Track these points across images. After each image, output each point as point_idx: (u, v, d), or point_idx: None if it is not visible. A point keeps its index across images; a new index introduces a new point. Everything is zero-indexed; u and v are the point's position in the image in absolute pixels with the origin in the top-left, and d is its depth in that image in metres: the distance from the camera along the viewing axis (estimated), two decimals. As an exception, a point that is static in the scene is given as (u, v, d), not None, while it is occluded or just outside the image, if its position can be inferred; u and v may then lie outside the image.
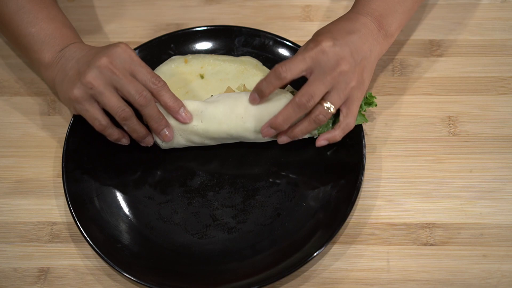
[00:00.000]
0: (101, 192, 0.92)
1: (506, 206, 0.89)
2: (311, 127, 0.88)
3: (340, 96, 0.86)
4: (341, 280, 0.86)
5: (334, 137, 0.89)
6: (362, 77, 0.87)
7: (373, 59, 0.89)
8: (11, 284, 0.88)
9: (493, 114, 0.96)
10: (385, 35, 0.90)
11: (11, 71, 1.06)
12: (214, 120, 0.90)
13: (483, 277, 0.85)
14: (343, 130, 0.88)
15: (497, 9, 1.06)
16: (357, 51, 0.86)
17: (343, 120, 0.88)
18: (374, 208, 0.90)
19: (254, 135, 0.91)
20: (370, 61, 0.88)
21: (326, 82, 0.85)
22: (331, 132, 0.89)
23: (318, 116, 0.87)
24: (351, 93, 0.86)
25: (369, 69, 0.88)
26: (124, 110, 0.87)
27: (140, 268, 0.86)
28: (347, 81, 0.85)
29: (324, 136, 0.89)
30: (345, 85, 0.85)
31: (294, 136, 0.90)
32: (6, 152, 0.99)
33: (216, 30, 1.03)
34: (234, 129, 0.90)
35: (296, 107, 0.86)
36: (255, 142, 0.93)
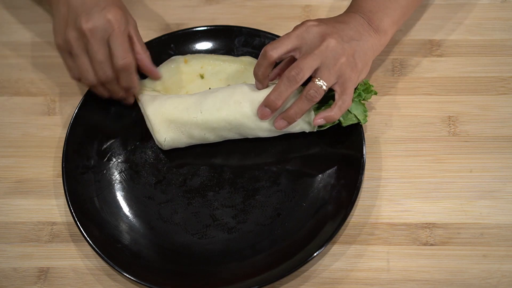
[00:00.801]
0: (101, 192, 0.93)
1: (506, 206, 0.89)
2: (304, 105, 0.87)
3: (330, 71, 0.86)
4: (341, 280, 0.86)
5: (331, 116, 0.88)
6: (353, 58, 0.87)
7: (366, 47, 0.89)
8: (11, 284, 0.88)
9: (493, 114, 0.96)
10: (377, 30, 0.90)
11: (11, 71, 1.06)
12: (213, 107, 0.90)
13: (483, 277, 0.85)
14: (339, 109, 0.88)
15: (497, 9, 1.06)
16: (345, 33, 0.87)
17: (338, 98, 0.88)
18: (374, 208, 0.90)
19: (253, 122, 0.90)
20: (361, 46, 0.88)
21: (314, 56, 0.85)
22: (328, 111, 0.88)
23: (309, 92, 0.86)
24: (341, 70, 0.86)
25: (362, 54, 0.88)
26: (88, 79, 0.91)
27: (140, 268, 0.86)
28: (335, 56, 0.86)
29: (321, 115, 0.88)
30: (334, 61, 0.86)
31: (289, 117, 0.89)
32: (6, 152, 0.99)
33: (216, 30, 1.03)
34: (232, 115, 0.90)
35: (286, 81, 0.86)
36: (256, 136, 0.93)
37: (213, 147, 0.95)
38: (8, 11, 1.13)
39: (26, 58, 1.07)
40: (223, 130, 0.92)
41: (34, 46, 1.09)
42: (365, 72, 0.90)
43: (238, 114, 0.90)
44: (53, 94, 1.03)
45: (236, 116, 0.90)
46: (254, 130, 0.92)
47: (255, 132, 0.92)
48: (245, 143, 0.95)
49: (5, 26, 1.11)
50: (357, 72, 0.88)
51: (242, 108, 0.90)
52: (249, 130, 0.92)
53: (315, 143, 0.94)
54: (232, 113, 0.90)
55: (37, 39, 1.09)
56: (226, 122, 0.91)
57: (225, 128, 0.92)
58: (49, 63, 1.06)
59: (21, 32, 1.10)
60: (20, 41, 1.09)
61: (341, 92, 0.87)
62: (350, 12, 0.92)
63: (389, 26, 0.91)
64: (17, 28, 1.11)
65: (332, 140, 0.93)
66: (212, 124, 0.91)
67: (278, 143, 0.95)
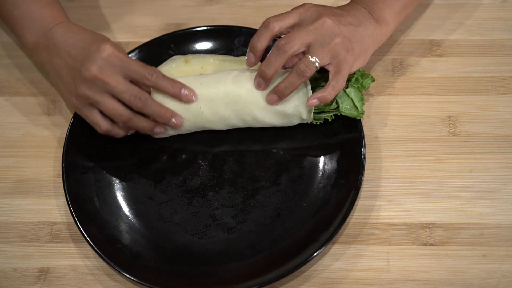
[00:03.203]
0: (101, 192, 0.93)
1: (506, 206, 0.89)
2: (294, 79, 0.87)
3: (323, 49, 0.86)
4: (341, 280, 0.86)
5: (324, 96, 0.88)
6: (349, 41, 0.87)
7: (365, 34, 0.89)
8: (11, 284, 0.88)
9: (493, 114, 0.96)
10: (378, 19, 0.90)
11: (11, 71, 1.06)
12: (212, 80, 0.91)
13: (483, 277, 0.85)
14: (333, 89, 0.88)
15: (497, 9, 1.06)
16: (344, 18, 0.88)
17: (332, 78, 0.88)
18: (374, 208, 0.90)
19: (249, 94, 0.90)
20: (360, 32, 0.88)
21: (307, 31, 0.86)
22: (322, 92, 0.88)
23: (300, 66, 0.86)
24: (336, 50, 0.86)
25: (360, 40, 0.88)
26: (121, 114, 0.88)
27: (140, 268, 0.86)
28: (330, 35, 0.86)
29: (315, 95, 0.88)
30: (328, 39, 0.86)
31: (279, 91, 0.89)
32: (6, 152, 0.99)
33: (216, 30, 1.03)
34: (230, 86, 0.91)
35: (275, 50, 0.87)
36: (254, 117, 0.91)
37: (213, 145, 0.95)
38: (8, 11, 1.13)
39: (26, 58, 1.07)
40: (219, 103, 0.91)
41: (34, 46, 1.09)
42: (363, 60, 0.90)
43: (235, 86, 0.91)
44: (53, 94, 1.03)
45: (234, 88, 0.91)
46: (251, 106, 0.91)
47: (252, 109, 0.91)
48: (244, 142, 0.95)
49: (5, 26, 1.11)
50: (353, 55, 0.88)
51: (240, 82, 0.91)
52: (246, 106, 0.91)
53: (315, 143, 0.94)
54: (230, 85, 0.91)
55: (37, 39, 1.09)
56: (224, 93, 0.91)
57: (222, 101, 0.91)
58: (49, 63, 1.07)
59: (21, 32, 1.10)
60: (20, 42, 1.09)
61: (335, 72, 0.87)
62: (352, 2, 0.92)
63: (390, 17, 0.91)
64: (17, 28, 1.11)
65: (332, 140, 0.93)
66: (209, 94, 0.91)
67: (278, 143, 0.95)
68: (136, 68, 0.87)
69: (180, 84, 0.90)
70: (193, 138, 0.96)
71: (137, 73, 0.87)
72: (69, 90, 0.89)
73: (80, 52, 0.87)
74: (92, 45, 0.87)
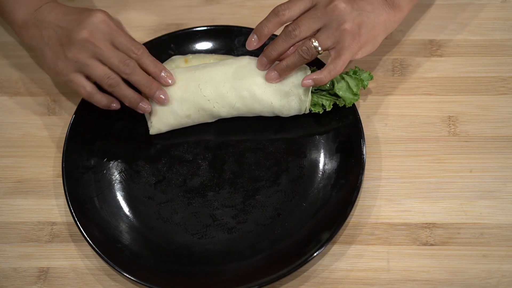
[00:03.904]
0: (101, 192, 0.93)
1: (506, 206, 0.89)
2: (295, 59, 0.88)
3: (328, 35, 0.86)
4: (341, 280, 0.86)
5: (320, 78, 0.88)
6: (358, 28, 0.87)
7: (377, 21, 0.88)
8: (11, 284, 0.88)
9: (493, 114, 0.96)
10: (392, 5, 0.89)
11: (11, 71, 1.06)
12: (211, 64, 0.94)
13: (483, 277, 0.85)
14: (329, 72, 0.88)
15: (497, 9, 1.06)
16: (357, 2, 0.87)
17: (331, 62, 0.88)
18: (374, 208, 0.90)
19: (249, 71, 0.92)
20: (371, 19, 0.88)
21: (317, 17, 0.86)
22: (317, 73, 0.88)
23: (301, 48, 0.87)
24: (342, 36, 0.86)
25: (370, 26, 0.88)
26: (110, 77, 0.90)
27: (140, 268, 0.86)
28: (339, 20, 0.86)
29: (310, 76, 0.89)
30: (336, 25, 0.86)
31: (280, 68, 0.90)
32: (6, 152, 0.99)
33: (216, 30, 1.03)
34: (230, 64, 0.93)
35: (283, 35, 0.88)
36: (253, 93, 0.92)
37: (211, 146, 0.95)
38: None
39: (26, 58, 1.07)
40: (219, 80, 0.92)
41: (34, 46, 1.09)
42: (372, 46, 0.90)
43: (235, 64, 0.93)
44: (53, 94, 1.03)
45: (233, 66, 0.93)
46: (249, 81, 0.92)
47: (251, 84, 0.91)
48: (244, 142, 0.95)
49: (5, 26, 1.11)
50: (359, 42, 0.88)
51: (241, 61, 0.93)
52: (244, 81, 0.92)
53: (315, 143, 0.94)
54: (230, 63, 0.93)
55: (37, 39, 1.09)
56: (223, 71, 0.92)
57: (221, 77, 0.92)
58: (49, 63, 1.07)
59: (21, 32, 1.10)
60: (20, 41, 1.09)
61: (335, 57, 0.88)
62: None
63: (405, 2, 0.90)
64: (17, 28, 1.11)
65: (332, 140, 0.93)
66: (209, 72, 0.92)
67: (278, 143, 0.95)
68: (124, 40, 0.90)
69: (162, 66, 0.92)
70: (193, 138, 0.96)
71: (123, 44, 0.90)
72: (57, 56, 0.90)
73: (70, 22, 0.90)
74: (83, 13, 0.90)
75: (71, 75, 0.90)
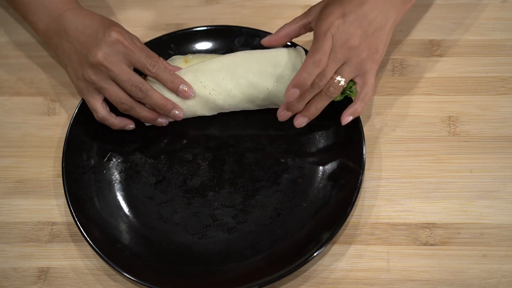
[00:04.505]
0: (101, 192, 0.93)
1: (506, 206, 0.89)
2: (324, 102, 0.89)
3: (350, 69, 0.87)
4: (341, 280, 0.86)
5: (356, 109, 0.89)
6: (376, 47, 0.87)
7: (389, 27, 0.88)
8: (11, 284, 0.88)
9: (493, 114, 0.96)
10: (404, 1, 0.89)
11: (11, 71, 1.06)
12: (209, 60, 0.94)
13: (483, 277, 0.85)
14: (363, 101, 0.89)
15: (497, 9, 1.06)
16: (370, 23, 0.86)
17: (361, 91, 0.89)
18: (374, 208, 0.90)
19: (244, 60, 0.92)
20: (385, 31, 0.88)
21: (336, 60, 0.86)
22: (352, 107, 0.90)
23: (329, 89, 0.88)
24: (362, 64, 0.87)
25: (384, 38, 0.88)
26: (123, 102, 0.91)
27: (140, 268, 0.86)
28: (358, 54, 0.86)
29: (347, 112, 0.90)
30: (355, 58, 0.86)
31: (309, 114, 0.91)
32: (6, 152, 0.99)
33: (216, 30, 1.03)
34: (225, 56, 0.94)
35: (311, 88, 0.87)
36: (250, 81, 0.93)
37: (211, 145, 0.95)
38: (8, 11, 1.13)
39: (26, 58, 1.07)
40: (215, 70, 0.93)
41: (34, 46, 1.09)
42: (385, 49, 0.90)
43: (231, 56, 0.94)
44: (53, 94, 1.04)
45: (229, 57, 0.94)
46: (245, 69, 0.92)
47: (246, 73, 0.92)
48: (244, 142, 0.95)
49: (5, 26, 1.11)
50: (377, 60, 0.88)
51: (236, 54, 0.94)
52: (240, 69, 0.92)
53: (315, 143, 0.94)
54: (226, 56, 0.94)
55: (37, 39, 1.09)
56: (219, 61, 0.94)
57: (218, 66, 0.93)
58: (49, 63, 1.07)
59: (21, 32, 1.10)
60: (20, 41, 1.09)
61: (362, 84, 0.89)
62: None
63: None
64: (17, 28, 1.11)
65: (332, 140, 0.94)
66: (206, 64, 0.94)
67: (278, 143, 0.95)
68: (139, 58, 0.89)
69: (180, 80, 0.92)
70: (193, 138, 0.96)
71: (139, 63, 0.90)
72: (77, 75, 0.91)
73: (88, 38, 0.89)
74: (99, 30, 0.89)
75: (89, 96, 0.92)
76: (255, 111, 0.97)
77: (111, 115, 0.93)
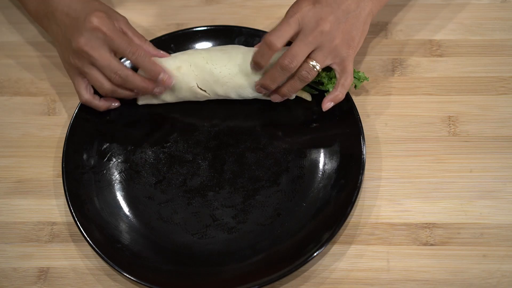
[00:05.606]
0: (101, 192, 0.93)
1: (506, 206, 0.89)
2: (297, 84, 0.90)
3: (324, 53, 0.87)
4: (341, 280, 0.86)
5: (337, 96, 0.90)
6: (349, 34, 0.87)
7: (364, 16, 0.89)
8: (11, 284, 0.88)
9: (493, 114, 0.96)
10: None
11: (11, 71, 1.06)
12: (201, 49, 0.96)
13: (483, 277, 0.85)
14: (343, 87, 0.90)
15: (497, 9, 1.06)
16: (343, 11, 0.87)
17: (340, 77, 0.90)
18: (374, 208, 0.90)
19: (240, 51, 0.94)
20: (360, 19, 0.88)
21: (308, 43, 0.86)
22: (333, 93, 0.90)
23: (301, 73, 0.89)
24: (337, 50, 0.87)
25: (359, 26, 0.88)
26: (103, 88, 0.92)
27: (140, 268, 0.86)
28: (330, 39, 0.86)
29: (328, 98, 0.91)
30: (328, 43, 0.87)
31: (283, 94, 0.93)
32: (6, 152, 0.99)
33: (216, 30, 1.03)
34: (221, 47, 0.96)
35: (280, 68, 0.88)
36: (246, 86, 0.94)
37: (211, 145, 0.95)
38: (8, 11, 1.13)
39: (26, 58, 1.07)
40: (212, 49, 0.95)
41: (34, 46, 1.09)
42: (363, 38, 0.90)
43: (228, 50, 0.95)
44: (53, 94, 1.03)
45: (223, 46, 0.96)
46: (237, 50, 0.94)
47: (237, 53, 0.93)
48: (244, 142, 0.95)
49: (5, 26, 1.11)
50: (354, 47, 0.89)
51: None
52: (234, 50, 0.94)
53: (315, 143, 0.94)
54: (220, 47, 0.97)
55: (37, 39, 1.09)
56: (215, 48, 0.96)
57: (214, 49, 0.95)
58: (49, 63, 1.07)
59: (21, 32, 1.10)
60: (20, 41, 1.09)
61: (341, 70, 0.89)
62: None
63: None
64: (17, 28, 1.11)
65: (332, 140, 0.93)
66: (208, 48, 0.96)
67: (278, 143, 0.95)
68: (118, 45, 0.90)
69: (159, 68, 0.92)
70: (193, 138, 0.96)
71: (119, 48, 0.90)
72: (64, 57, 0.93)
73: (72, 22, 0.90)
74: (81, 15, 0.90)
75: (74, 79, 0.94)
76: (255, 111, 0.97)
77: (95, 98, 0.95)
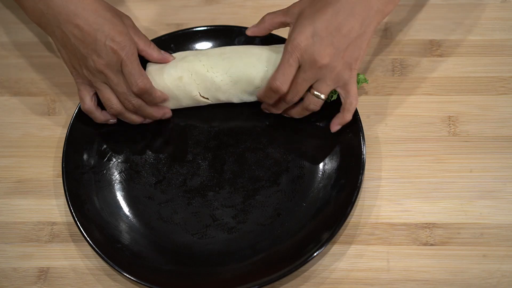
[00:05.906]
0: (101, 192, 0.93)
1: (506, 206, 0.89)
2: (305, 113, 0.93)
3: (326, 83, 0.88)
4: (341, 280, 0.86)
5: (344, 119, 0.91)
6: (351, 57, 0.86)
7: (370, 33, 0.86)
8: (11, 284, 0.88)
9: (493, 114, 0.96)
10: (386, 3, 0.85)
11: (11, 71, 1.06)
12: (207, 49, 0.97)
13: (483, 277, 0.85)
14: (349, 111, 0.90)
15: (497, 9, 1.06)
16: (344, 36, 0.84)
17: (345, 101, 0.90)
18: (374, 208, 0.90)
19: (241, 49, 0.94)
20: (364, 38, 0.86)
21: (308, 79, 0.87)
22: (340, 117, 0.91)
23: (309, 106, 0.90)
24: (338, 76, 0.87)
25: (362, 46, 0.86)
26: (114, 108, 0.92)
27: (140, 268, 0.86)
28: (330, 70, 0.86)
29: (335, 122, 0.92)
30: (329, 74, 0.87)
31: (289, 116, 0.95)
32: (6, 152, 0.99)
33: (216, 30, 1.03)
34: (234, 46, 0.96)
35: (284, 101, 0.90)
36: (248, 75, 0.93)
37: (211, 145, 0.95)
38: (8, 11, 1.13)
39: (26, 58, 1.07)
40: (216, 52, 0.94)
41: (34, 46, 1.09)
42: (366, 52, 0.88)
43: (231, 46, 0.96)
44: (53, 94, 1.04)
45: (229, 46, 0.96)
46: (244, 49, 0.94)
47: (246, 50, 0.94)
48: (244, 142, 0.95)
49: (5, 26, 1.11)
50: (355, 68, 0.88)
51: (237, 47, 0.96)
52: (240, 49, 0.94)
53: (315, 142, 0.94)
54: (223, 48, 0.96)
55: (37, 39, 1.09)
56: (219, 48, 0.95)
57: (218, 51, 0.94)
58: (49, 63, 1.07)
59: (21, 32, 1.10)
60: (20, 41, 1.09)
61: (345, 94, 0.89)
62: None
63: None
64: (17, 28, 1.11)
65: (332, 140, 0.93)
66: (206, 50, 0.95)
67: (278, 143, 0.95)
68: (128, 71, 0.88)
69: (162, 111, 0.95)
70: (193, 138, 0.96)
71: (128, 77, 0.88)
72: (71, 62, 0.91)
73: (86, 38, 0.86)
74: (96, 33, 0.86)
75: (81, 85, 0.92)
76: (255, 111, 0.97)
77: (97, 109, 0.94)
